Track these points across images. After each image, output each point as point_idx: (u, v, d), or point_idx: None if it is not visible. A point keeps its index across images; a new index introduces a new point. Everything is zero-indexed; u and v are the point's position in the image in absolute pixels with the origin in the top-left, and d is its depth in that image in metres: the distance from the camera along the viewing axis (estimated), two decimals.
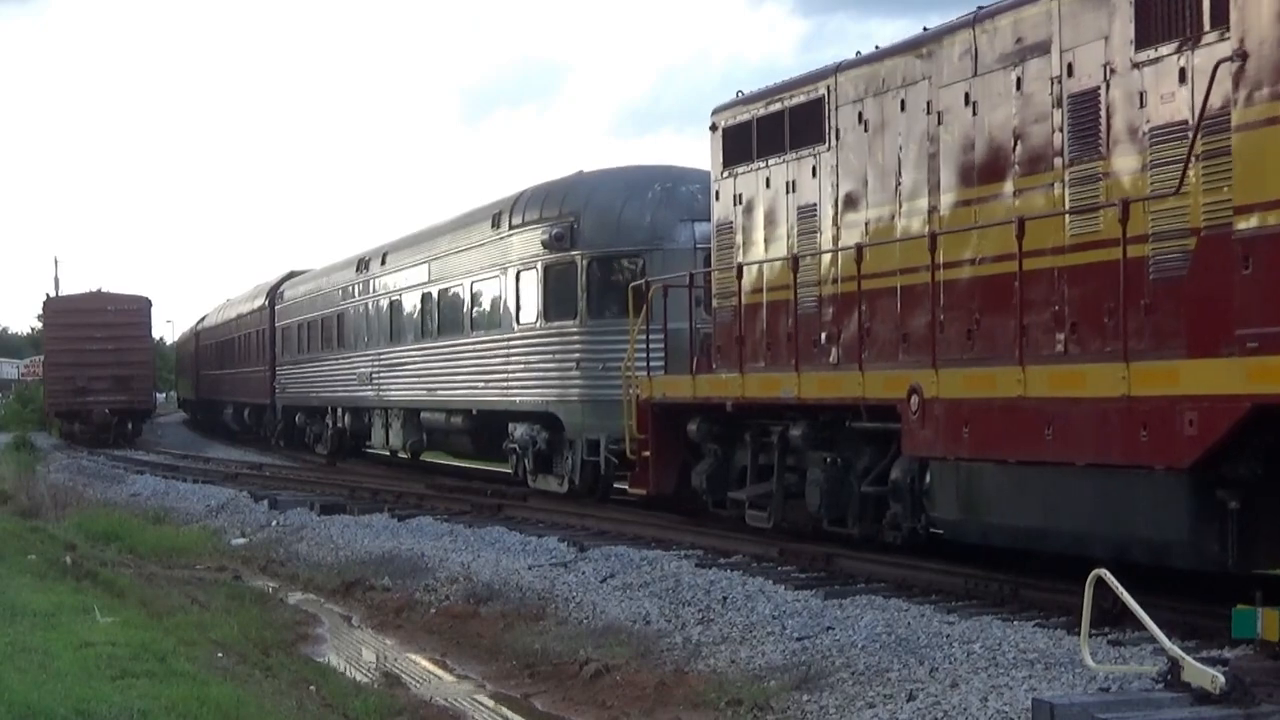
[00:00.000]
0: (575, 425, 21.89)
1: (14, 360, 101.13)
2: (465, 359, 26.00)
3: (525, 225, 23.53)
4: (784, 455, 15.89)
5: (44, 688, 10.10)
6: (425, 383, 28.55)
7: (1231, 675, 8.22)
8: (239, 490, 29.05)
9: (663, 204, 21.99)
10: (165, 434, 57.64)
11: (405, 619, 16.58)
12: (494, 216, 24.94)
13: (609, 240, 22.13)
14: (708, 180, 20.38)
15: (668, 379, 18.23)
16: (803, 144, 15.98)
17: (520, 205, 23.99)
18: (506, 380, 24.06)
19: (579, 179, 23.67)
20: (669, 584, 14.66)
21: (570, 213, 22.48)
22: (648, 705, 11.62)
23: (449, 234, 27.91)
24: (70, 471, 38.37)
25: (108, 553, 21.68)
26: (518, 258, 23.75)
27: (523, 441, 23.62)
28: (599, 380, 21.39)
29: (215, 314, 58.57)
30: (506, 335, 24.14)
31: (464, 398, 26.25)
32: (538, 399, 22.90)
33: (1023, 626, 11.41)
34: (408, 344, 29.94)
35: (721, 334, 17.55)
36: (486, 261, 25.15)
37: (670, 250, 21.48)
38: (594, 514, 20.69)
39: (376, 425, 32.41)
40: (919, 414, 13.04)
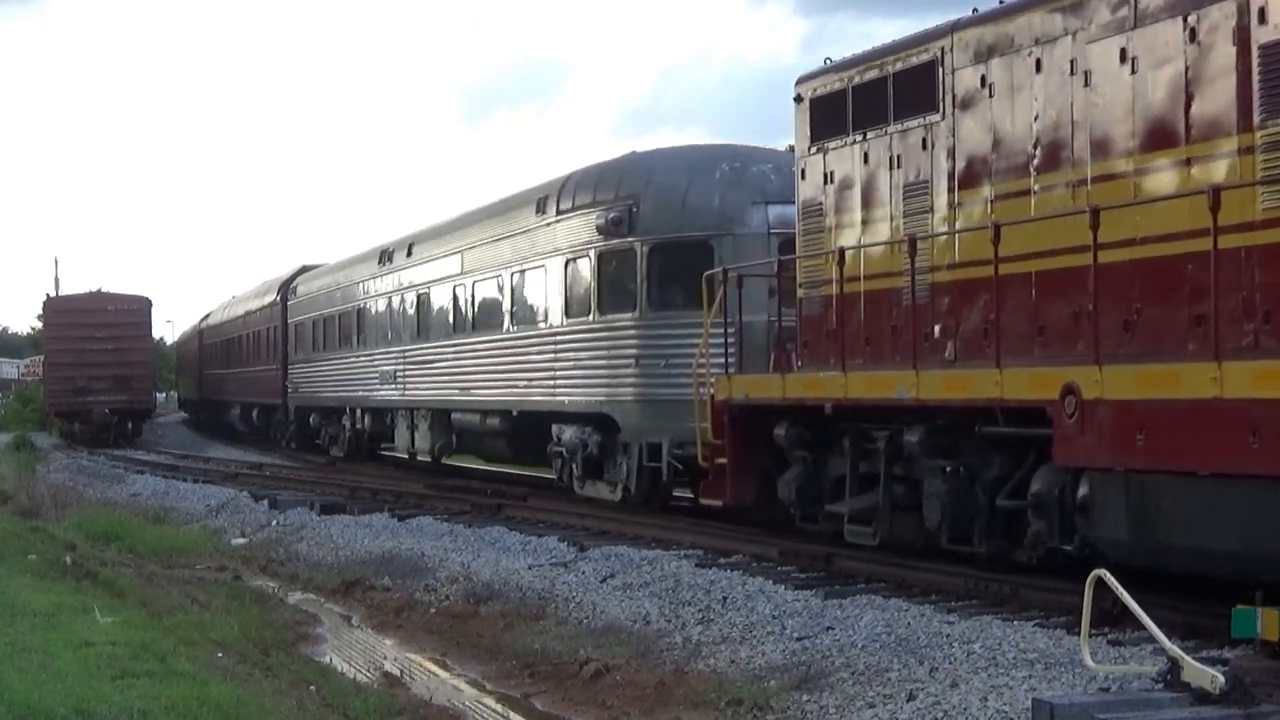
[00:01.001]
0: (632, 428, 20.02)
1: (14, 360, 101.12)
2: (504, 356, 24.16)
3: (575, 210, 21.57)
4: (892, 463, 14.06)
5: (44, 688, 10.09)
6: (457, 382, 26.64)
7: (1231, 675, 8.22)
8: (239, 490, 29.05)
9: (732, 185, 19.86)
10: (165, 434, 57.62)
11: (405, 619, 16.58)
12: (538, 202, 22.95)
13: (672, 225, 20.00)
14: (779, 160, 19.51)
15: (751, 378, 16.32)
16: (910, 113, 14.22)
17: (569, 189, 22.00)
18: (553, 379, 22.22)
19: (637, 158, 21.77)
20: (669, 584, 14.66)
21: (628, 195, 20.45)
22: (648, 705, 11.62)
23: (484, 222, 25.98)
24: (70, 471, 38.37)
25: (108, 553, 21.67)
26: (567, 245, 21.80)
27: (571, 445, 21.73)
28: (660, 379, 19.63)
29: (220, 311, 57.30)
30: (553, 330, 22.28)
31: (503, 398, 24.29)
32: (589, 399, 21.01)
33: (1023, 626, 11.41)
34: (437, 340, 27.98)
35: (809, 328, 15.65)
36: (529, 251, 23.17)
37: (741, 236, 19.44)
38: (594, 514, 20.69)
39: (400, 426, 30.63)
40: (1076, 417, 11.25)
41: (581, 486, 21.69)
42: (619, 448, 20.49)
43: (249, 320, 48.77)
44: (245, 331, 49.26)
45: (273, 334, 44.09)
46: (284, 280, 44.31)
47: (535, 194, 23.34)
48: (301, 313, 40.66)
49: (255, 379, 46.81)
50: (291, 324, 41.70)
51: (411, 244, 30.43)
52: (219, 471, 35.44)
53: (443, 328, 27.68)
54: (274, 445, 44.57)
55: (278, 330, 43.22)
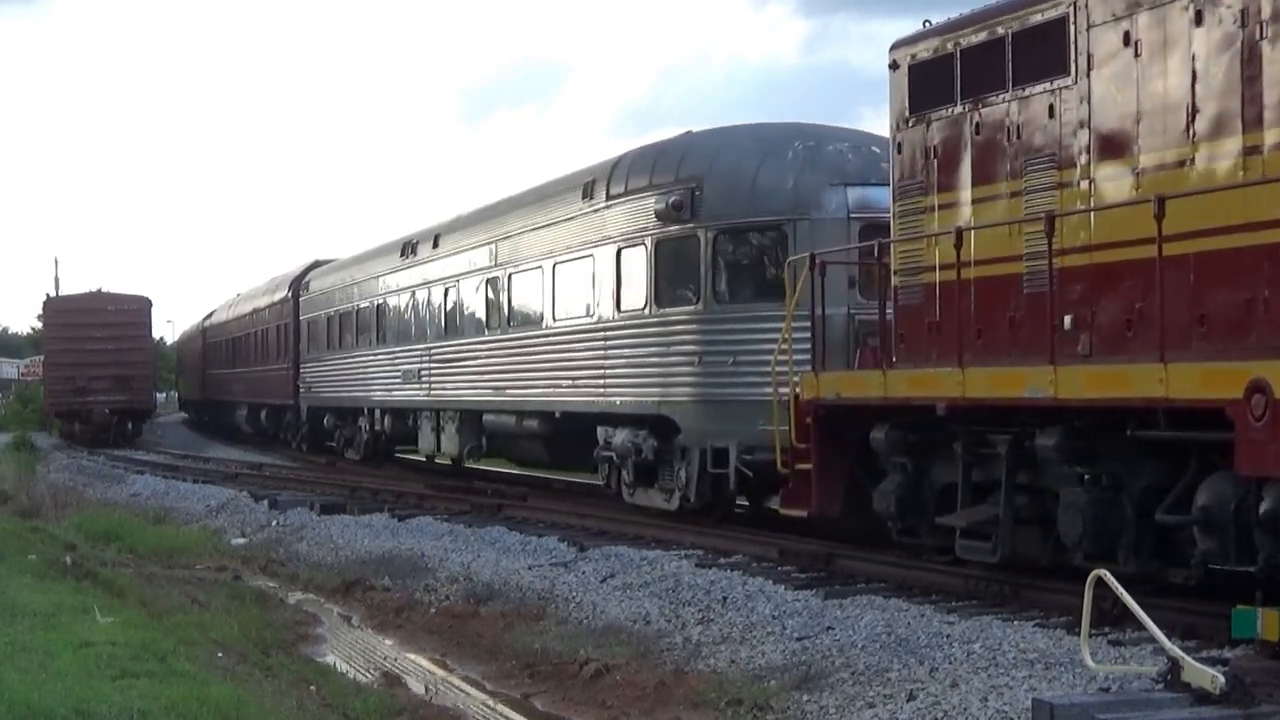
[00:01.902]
0: (694, 431, 18.25)
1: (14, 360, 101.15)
2: (545, 353, 22.36)
3: (629, 194, 19.82)
4: (1015, 471, 12.46)
5: (44, 688, 10.09)
6: (490, 381, 24.81)
7: (1231, 675, 8.22)
8: (239, 490, 29.04)
9: (807, 165, 18.02)
10: (165, 434, 57.62)
11: (405, 619, 16.58)
12: (584, 186, 21.17)
13: (741, 209, 18.20)
14: (855, 139, 18.30)
15: (844, 375, 14.73)
16: (1033, 77, 12.65)
17: (621, 172, 20.28)
18: (602, 378, 20.42)
19: (700, 137, 20.03)
20: (669, 584, 14.66)
21: (690, 177, 18.64)
22: (648, 705, 11.62)
23: (521, 210, 24.10)
24: (70, 471, 38.37)
25: (108, 553, 21.66)
26: (618, 233, 20.07)
27: (622, 449, 19.81)
28: (726, 378, 17.92)
29: (225, 309, 55.63)
30: (603, 325, 20.45)
31: (543, 398, 22.45)
32: (645, 400, 19.24)
33: (1023, 626, 11.41)
34: (468, 337, 26.10)
35: (906, 320, 14.01)
36: (575, 239, 21.41)
37: (818, 221, 17.62)
38: (594, 514, 20.69)
39: (425, 428, 28.75)
40: (1267, 420, 9.67)
41: (631, 494, 20.02)
42: (676, 452, 18.74)
43: (257, 318, 47.16)
44: (253, 329, 47.69)
45: (283, 332, 42.39)
46: (295, 276, 42.50)
47: (581, 178, 21.69)
48: (315, 309, 38.92)
49: (264, 379, 45.21)
50: (304, 321, 39.95)
51: (438, 235, 28.71)
52: (219, 471, 35.43)
53: (473, 323, 25.97)
54: (283, 447, 43.12)
55: (289, 328, 41.53)
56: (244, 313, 49.92)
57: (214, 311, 59.00)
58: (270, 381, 44.08)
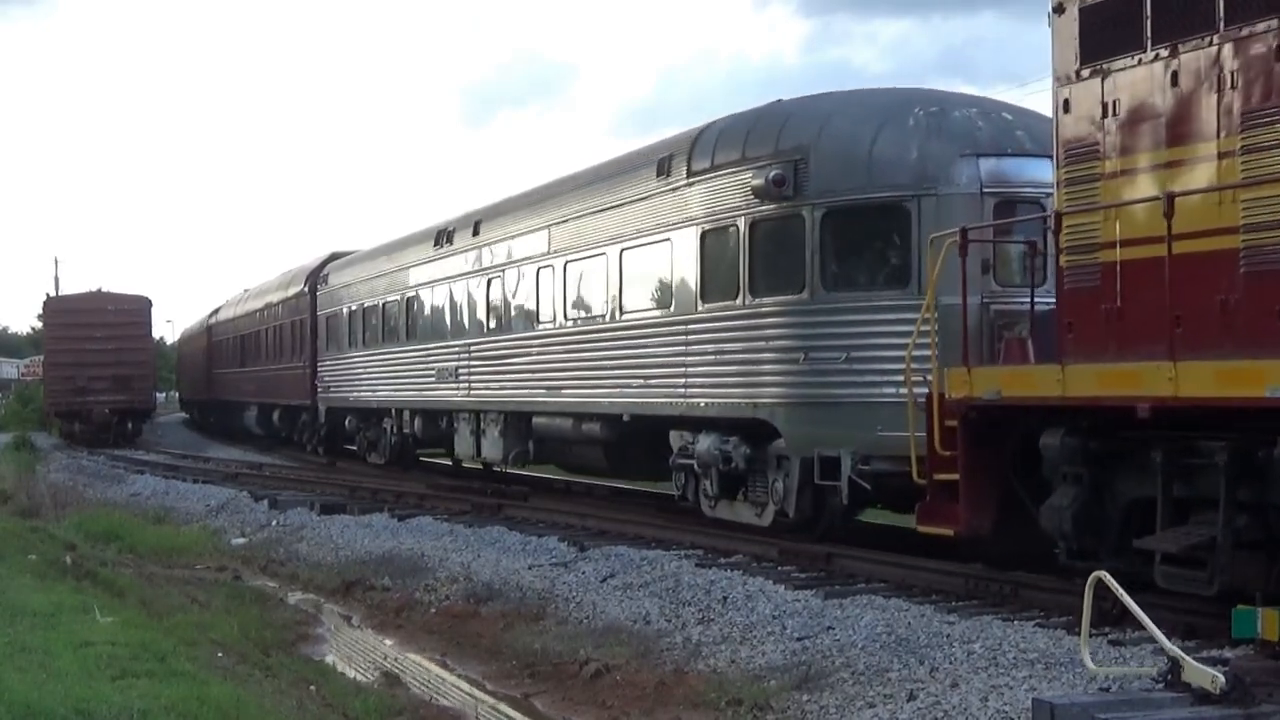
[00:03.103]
0: (797, 437, 16.03)
1: (14, 360, 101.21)
2: (610, 350, 20.24)
3: (716, 170, 17.60)
4: (1236, 485, 10.47)
5: (44, 688, 10.08)
6: (543, 380, 22.62)
7: (1231, 675, 8.21)
8: (239, 490, 29.04)
9: (933, 133, 15.77)
10: (165, 434, 57.62)
11: (405, 619, 16.58)
12: (660, 163, 19.01)
13: (855, 184, 15.88)
14: (984, 105, 16.52)
15: (1007, 371, 12.54)
16: (1254, 13, 10.58)
17: (706, 145, 18.04)
18: (683, 377, 18.18)
19: (804, 103, 17.49)
20: (669, 584, 14.66)
21: (793, 149, 16.34)
22: (648, 705, 11.62)
23: (580, 191, 21.83)
24: (70, 471, 38.37)
25: (108, 553, 21.67)
26: (703, 214, 17.86)
27: (706, 457, 17.61)
28: (838, 376, 15.66)
29: (233, 306, 53.41)
30: (683, 318, 18.27)
31: (608, 399, 20.20)
32: (736, 402, 17.03)
33: (1023, 626, 11.42)
34: (516, 332, 23.81)
35: (1077, 306, 11.94)
36: (649, 222, 19.24)
37: (946, 196, 15.40)
38: (594, 514, 20.67)
39: (462, 431, 26.38)
40: None
41: (713, 508, 17.95)
42: (771, 461, 16.62)
43: (269, 314, 44.57)
44: (265, 326, 45.19)
45: (299, 328, 39.93)
46: (313, 269, 39.93)
47: (654, 154, 19.51)
48: (334, 304, 36.39)
49: (278, 378, 42.73)
50: (322, 317, 37.48)
51: (478, 221, 26.19)
52: (219, 471, 35.41)
53: (523, 317, 23.62)
54: (295, 449, 41.06)
55: (305, 324, 39.04)
56: (254, 309, 47.70)
57: (220, 308, 57.24)
58: (284, 381, 41.83)
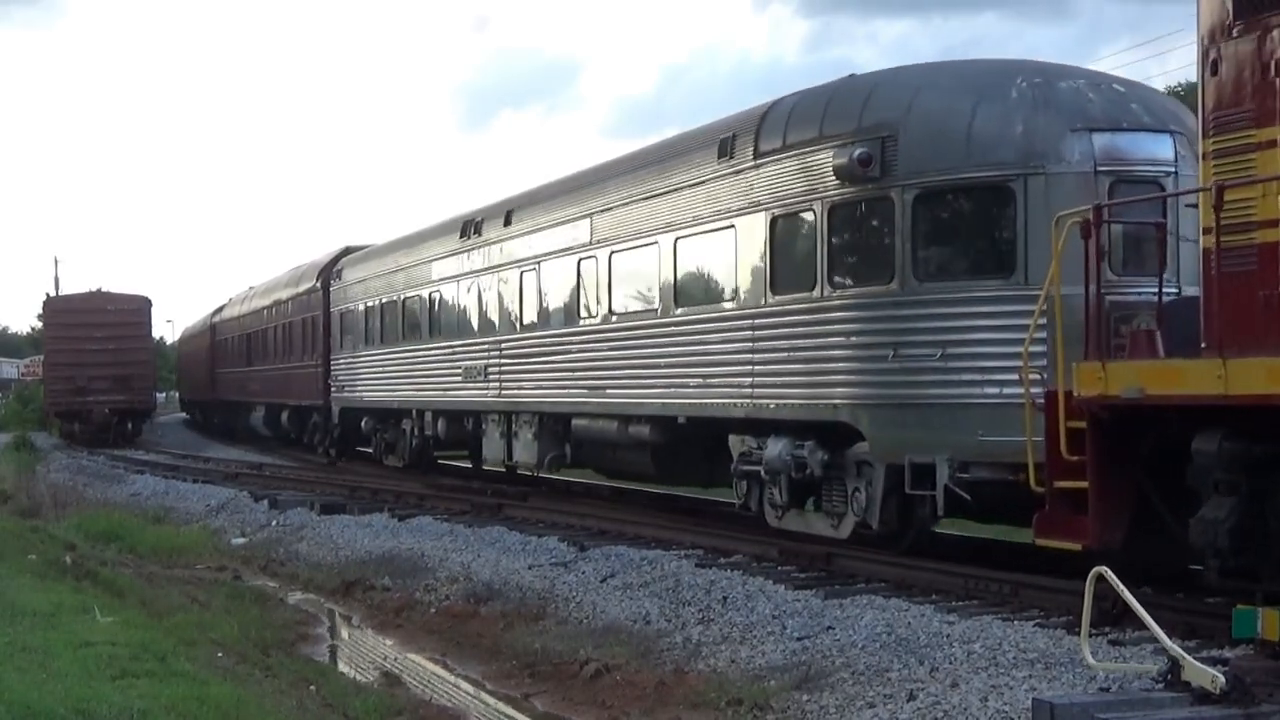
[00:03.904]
0: (884, 442, 14.61)
1: (14, 360, 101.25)
2: (663, 347, 18.70)
3: (789, 149, 16.04)
4: None
5: (44, 688, 10.09)
6: (584, 380, 21.13)
7: (1232, 675, 8.22)
8: (239, 490, 29.06)
9: (1039, 106, 14.29)
10: (165, 434, 57.63)
11: (405, 619, 16.59)
12: (722, 143, 17.40)
13: (951, 162, 14.43)
14: (1091, 77, 15.12)
15: (1153, 366, 10.93)
16: None
17: (776, 122, 16.49)
18: (749, 376, 16.66)
19: (889, 76, 15.86)
20: (669, 584, 14.66)
21: (879, 124, 14.81)
22: (648, 705, 11.63)
23: (627, 177, 20.29)
24: (70, 471, 38.38)
25: (108, 553, 21.69)
26: (772, 198, 16.33)
27: (776, 463, 16.03)
28: (933, 375, 14.19)
29: (238, 303, 51.82)
30: (749, 311, 16.75)
31: (660, 400, 18.70)
32: (813, 403, 15.53)
33: (1023, 626, 11.41)
34: (553, 329, 22.34)
35: (1230, 294, 10.51)
36: (707, 208, 17.73)
37: (1056, 175, 13.95)
38: (594, 514, 20.66)
39: (491, 434, 24.84)
40: None
41: (780, 518, 16.51)
42: (850, 468, 15.30)
43: (279, 311, 42.98)
44: (274, 324, 43.70)
45: (311, 325, 38.36)
46: (325, 264, 38.33)
47: (714, 134, 17.96)
48: (349, 300, 34.79)
49: (288, 377, 41.12)
50: (336, 313, 35.88)
51: (510, 211, 24.58)
52: (219, 471, 35.43)
53: (560, 312, 22.19)
54: (308, 451, 39.49)
55: (318, 321, 37.46)
56: (261, 306, 46.26)
57: (224, 306, 55.93)
58: (295, 380, 40.29)
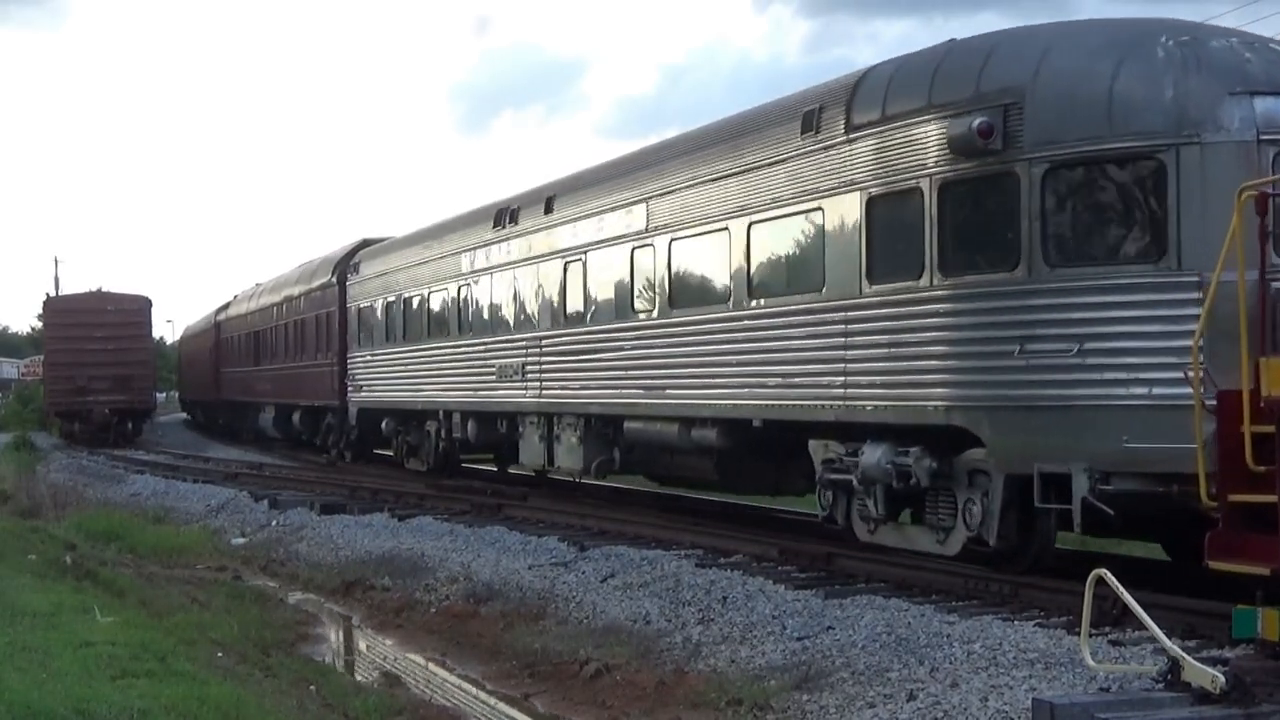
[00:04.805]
0: (1011, 448, 12.95)
1: (14, 360, 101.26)
2: (736, 343, 16.95)
3: (890, 121, 14.25)
4: None
5: (44, 688, 10.09)
6: (639, 379, 19.44)
7: (1232, 675, 8.22)
8: (239, 490, 29.06)
9: (1191, 67, 12.49)
10: (165, 434, 57.65)
11: (405, 619, 16.59)
12: (807, 116, 15.59)
13: (1090, 131, 12.57)
14: (1241, 35, 13.61)
15: None
16: None
17: (873, 91, 14.69)
18: (840, 374, 14.92)
19: (1014, 35, 13.89)
20: (669, 584, 14.66)
21: (1002, 90, 13.06)
22: (648, 705, 11.63)
23: (690, 157, 18.45)
24: (70, 471, 38.38)
25: (108, 553, 21.69)
26: (869, 176, 14.53)
27: (874, 472, 14.39)
28: (1068, 373, 12.47)
29: (245, 300, 50.43)
30: (841, 302, 14.96)
31: (731, 401, 16.97)
32: (920, 404, 13.80)
33: (1023, 626, 11.42)
34: (602, 324, 20.66)
35: None
36: (790, 188, 15.90)
37: (1214, 145, 12.21)
38: (594, 514, 20.66)
39: (529, 437, 23.21)
40: None
41: (873, 531, 14.99)
42: (961, 478, 13.71)
43: (290, 308, 41.36)
44: (284, 321, 42.11)
45: (325, 322, 36.78)
46: (341, 258, 36.59)
47: (796, 107, 16.09)
48: (368, 296, 33.13)
49: (300, 376, 39.50)
50: (352, 309, 34.33)
51: (551, 198, 22.90)
52: (219, 471, 35.43)
53: (611, 305, 20.47)
54: (322, 454, 38.18)
55: (333, 317, 35.91)
56: (270, 303, 44.55)
57: (229, 303, 54.62)
58: (308, 380, 38.62)
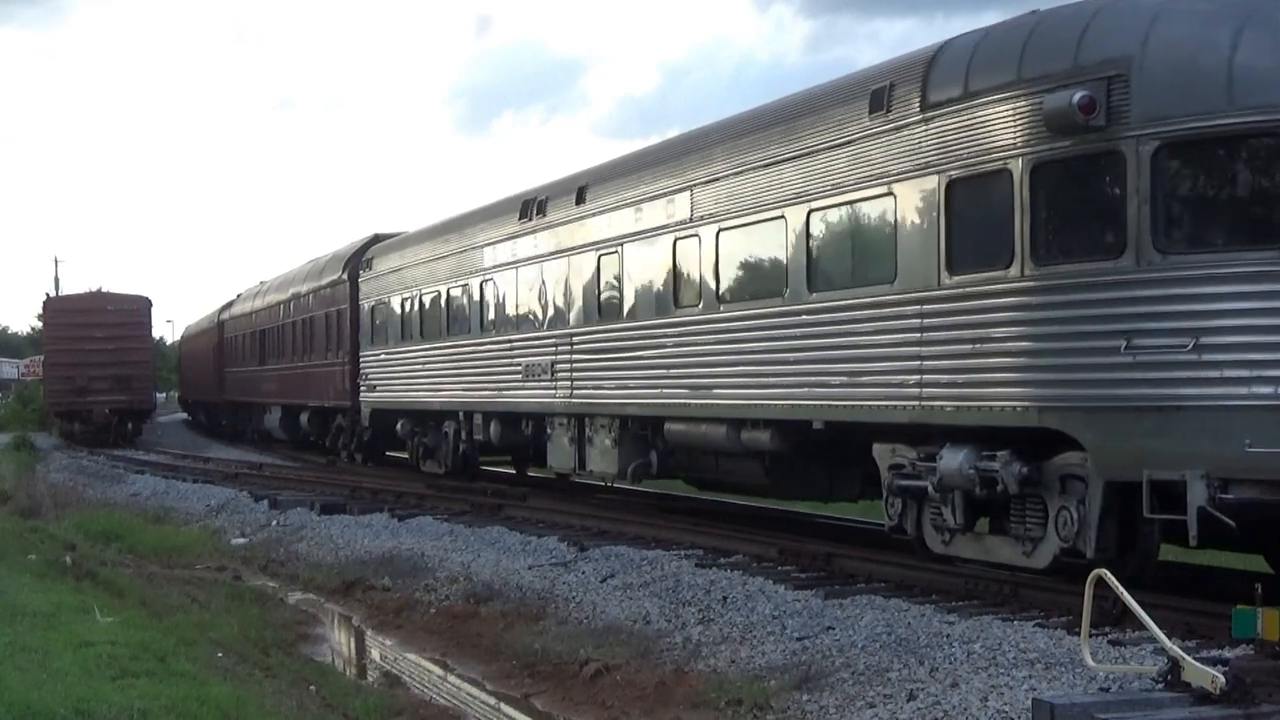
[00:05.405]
0: (1115, 453, 11.75)
1: (14, 360, 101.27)
2: (794, 339, 15.78)
3: (973, 98, 13.13)
4: None
5: (44, 688, 10.09)
6: (682, 378, 18.28)
7: (1231, 675, 8.22)
8: (239, 490, 29.07)
9: None
10: (165, 434, 57.66)
11: (405, 619, 16.59)
12: (876, 94, 14.49)
13: (1207, 106, 11.46)
14: None
15: None
16: None
17: (952, 65, 13.58)
18: (917, 373, 13.77)
19: (1115, 2, 12.42)
20: (669, 584, 14.66)
21: (1104, 61, 11.91)
22: (648, 705, 11.63)
23: (739, 142, 17.23)
24: (70, 471, 38.39)
25: (108, 553, 21.69)
26: (950, 157, 13.42)
27: (956, 477, 13.22)
28: (1182, 370, 11.45)
29: (249, 299, 49.42)
30: (916, 295, 13.84)
31: (789, 401, 15.81)
32: (1010, 405, 12.68)
33: (1023, 626, 11.42)
34: (640, 319, 19.48)
35: None
36: (855, 172, 14.76)
37: None
38: (594, 514, 20.66)
39: (558, 439, 22.10)
40: None
41: (949, 542, 13.78)
42: (1053, 485, 12.60)
43: (298, 306, 40.34)
44: (292, 319, 41.05)
45: (336, 320, 35.84)
46: (352, 254, 35.51)
47: (863, 85, 14.97)
48: (381, 292, 31.86)
49: (308, 376, 38.50)
50: (364, 306, 33.17)
51: (583, 187, 21.70)
52: (219, 471, 35.45)
53: (651, 300, 19.28)
54: (331, 455, 37.48)
55: (344, 315, 34.90)
56: (277, 301, 43.52)
57: (233, 302, 53.77)
58: (316, 379, 37.67)
